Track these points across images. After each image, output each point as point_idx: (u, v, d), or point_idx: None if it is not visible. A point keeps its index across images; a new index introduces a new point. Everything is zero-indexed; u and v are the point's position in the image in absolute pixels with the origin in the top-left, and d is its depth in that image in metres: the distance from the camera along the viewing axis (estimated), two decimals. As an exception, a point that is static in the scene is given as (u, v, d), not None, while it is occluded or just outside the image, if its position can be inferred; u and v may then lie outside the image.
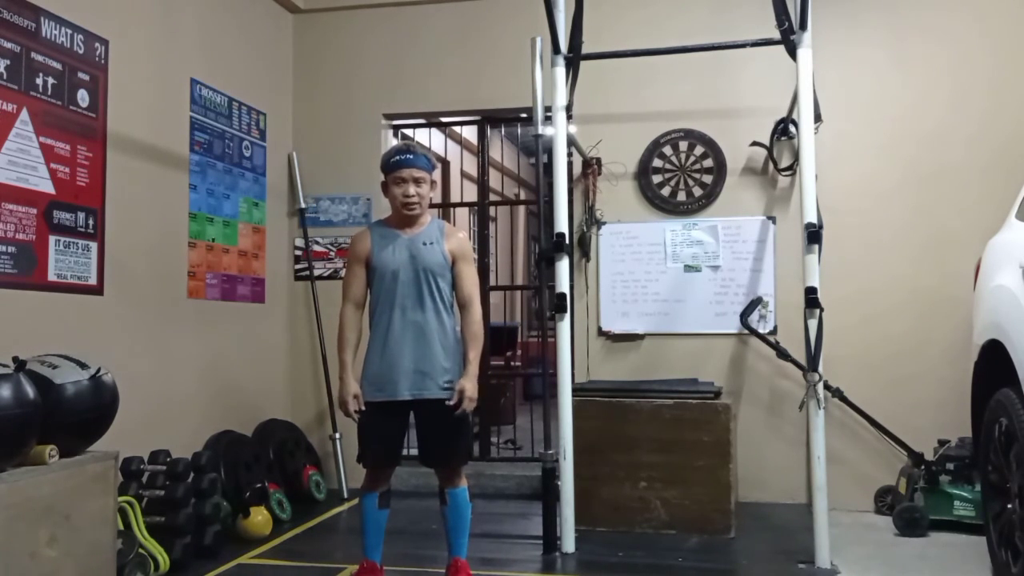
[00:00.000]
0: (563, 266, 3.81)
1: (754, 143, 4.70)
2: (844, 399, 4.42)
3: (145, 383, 3.84)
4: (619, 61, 4.44)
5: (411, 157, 3.09)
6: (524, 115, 4.94)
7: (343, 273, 5.17)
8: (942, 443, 4.19)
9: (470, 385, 3.03)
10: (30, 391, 2.58)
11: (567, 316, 3.78)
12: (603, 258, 4.93)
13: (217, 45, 4.61)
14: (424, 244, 3.10)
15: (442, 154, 7.69)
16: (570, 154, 4.49)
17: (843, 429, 4.54)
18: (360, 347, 3.17)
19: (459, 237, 3.20)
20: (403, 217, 3.14)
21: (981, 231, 3.89)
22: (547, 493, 3.81)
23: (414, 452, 3.29)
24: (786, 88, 4.14)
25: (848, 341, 4.49)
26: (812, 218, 3.53)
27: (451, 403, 3.01)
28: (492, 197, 6.26)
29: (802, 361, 3.83)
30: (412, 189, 3.07)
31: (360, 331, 3.17)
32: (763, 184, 4.79)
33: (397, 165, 3.09)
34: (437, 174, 7.55)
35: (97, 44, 3.68)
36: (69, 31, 3.52)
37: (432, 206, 6.24)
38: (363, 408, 3.05)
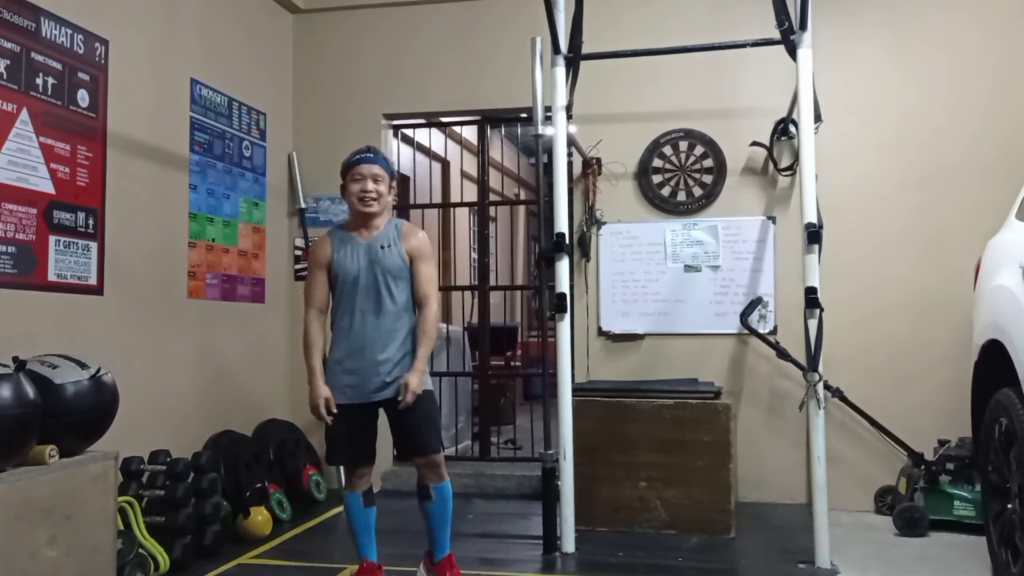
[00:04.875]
0: (563, 266, 3.81)
1: (754, 143, 4.70)
2: (844, 399, 4.42)
3: (145, 383, 3.84)
4: (619, 61, 4.45)
5: (370, 156, 3.16)
6: (524, 115, 4.94)
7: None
8: (942, 443, 4.19)
9: (414, 379, 3.03)
10: (30, 391, 2.58)
11: (567, 316, 3.78)
12: (603, 258, 4.93)
13: (217, 45, 4.61)
14: (382, 248, 3.12)
15: (442, 154, 7.69)
16: (570, 154, 4.49)
17: (843, 429, 4.54)
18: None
19: (418, 236, 3.21)
20: (361, 216, 3.15)
21: (981, 231, 3.89)
22: (547, 493, 3.81)
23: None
24: (786, 88, 4.14)
25: (848, 341, 4.49)
26: (812, 218, 3.53)
27: (397, 398, 3.03)
28: (492, 197, 6.26)
29: (802, 361, 3.83)
30: (370, 185, 3.10)
31: (325, 336, 3.20)
32: (763, 184, 4.79)
33: (357, 163, 3.14)
34: (436, 175, 7.60)
35: (97, 44, 3.68)
36: (69, 31, 3.52)
37: (432, 206, 6.28)
38: (335, 411, 3.08)
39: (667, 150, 4.89)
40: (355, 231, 3.18)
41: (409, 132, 5.88)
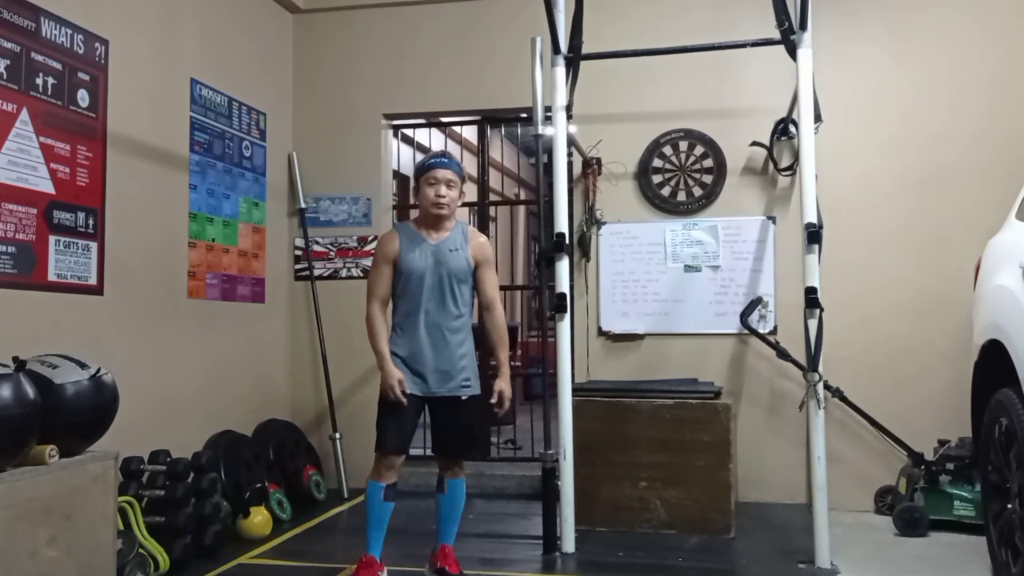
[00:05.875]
0: (563, 266, 3.81)
1: (754, 143, 4.70)
2: (844, 399, 4.42)
3: (145, 383, 3.84)
4: (619, 61, 4.44)
5: (445, 160, 3.28)
6: (524, 115, 4.94)
7: (343, 273, 5.24)
8: (942, 443, 4.19)
9: (506, 385, 3.26)
10: (30, 391, 2.58)
11: (567, 316, 3.78)
12: (603, 258, 4.93)
13: (217, 45, 4.61)
14: (450, 251, 3.23)
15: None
16: (570, 154, 4.49)
17: (843, 429, 4.54)
18: None
19: (480, 242, 3.33)
20: (431, 219, 3.25)
21: (981, 231, 3.89)
22: (547, 493, 3.81)
23: (415, 451, 3.33)
24: (786, 88, 4.14)
25: (848, 341, 4.49)
26: (812, 218, 3.53)
27: (492, 403, 3.22)
28: (492, 197, 6.26)
29: (802, 361, 3.83)
30: (443, 190, 3.21)
31: (388, 325, 3.28)
32: (763, 184, 4.79)
33: (432, 166, 3.25)
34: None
35: (97, 44, 3.68)
36: (69, 31, 3.52)
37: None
38: (407, 392, 3.13)
39: (667, 150, 4.89)
40: (424, 231, 3.27)
41: (409, 132, 5.88)
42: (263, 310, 5.04)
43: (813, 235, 3.50)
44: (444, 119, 5.93)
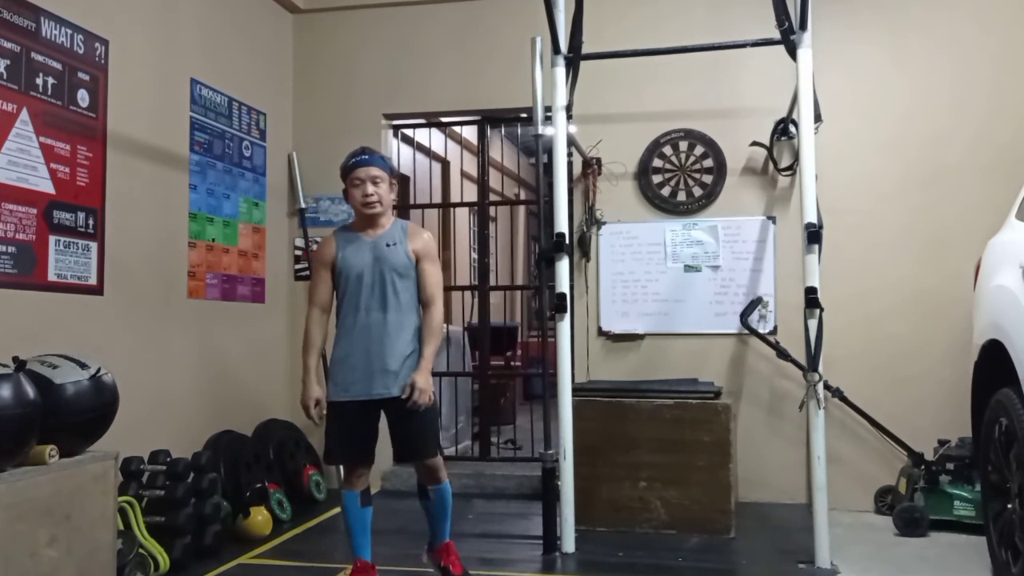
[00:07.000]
0: (563, 266, 3.81)
1: (754, 143, 4.70)
2: (844, 399, 4.42)
3: (145, 383, 3.84)
4: (619, 61, 4.44)
5: (366, 158, 3.17)
6: (524, 115, 4.94)
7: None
8: (942, 443, 4.19)
9: (421, 378, 3.05)
10: (30, 391, 2.58)
11: (567, 316, 3.78)
12: (603, 258, 4.93)
13: (217, 45, 4.61)
14: (388, 245, 3.15)
15: (442, 154, 7.69)
16: (570, 154, 4.49)
17: (843, 429, 4.54)
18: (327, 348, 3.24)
19: (424, 237, 3.23)
20: (365, 219, 3.19)
21: (981, 231, 3.89)
22: (547, 493, 3.81)
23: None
24: (786, 88, 4.14)
25: (848, 341, 4.49)
26: (812, 218, 3.53)
27: (403, 397, 3.03)
28: (492, 197, 6.26)
29: (802, 361, 3.83)
30: (370, 188, 3.12)
31: (325, 335, 3.23)
32: (763, 184, 4.79)
33: (353, 167, 3.16)
34: (436, 175, 7.59)
35: (97, 44, 3.68)
36: (69, 31, 3.52)
37: (432, 206, 6.29)
38: (324, 413, 3.12)
39: (667, 150, 4.89)
40: (360, 231, 3.20)
41: (409, 132, 5.88)
42: (263, 310, 5.04)
43: (813, 235, 3.50)
44: (444, 119, 5.93)
